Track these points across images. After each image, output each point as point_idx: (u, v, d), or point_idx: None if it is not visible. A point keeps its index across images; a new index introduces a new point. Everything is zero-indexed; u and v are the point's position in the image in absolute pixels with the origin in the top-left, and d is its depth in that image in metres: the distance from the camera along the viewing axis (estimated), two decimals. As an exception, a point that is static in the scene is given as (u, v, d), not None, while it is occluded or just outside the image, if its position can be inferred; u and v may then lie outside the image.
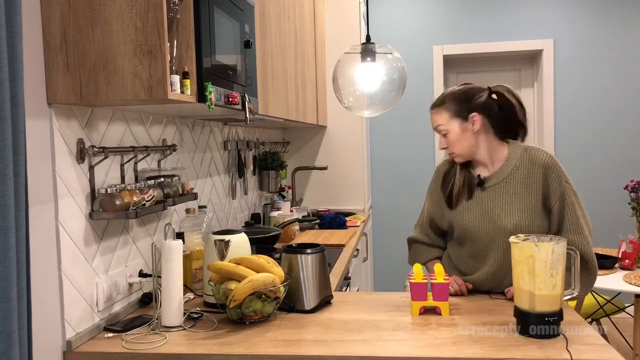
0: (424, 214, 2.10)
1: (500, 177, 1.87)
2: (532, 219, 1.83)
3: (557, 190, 1.82)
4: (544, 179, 1.83)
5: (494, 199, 1.87)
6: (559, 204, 1.82)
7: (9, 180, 1.10)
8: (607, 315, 3.34)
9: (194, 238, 2.12)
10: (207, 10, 1.65)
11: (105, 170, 1.71)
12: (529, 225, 1.82)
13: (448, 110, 1.88)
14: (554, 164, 1.83)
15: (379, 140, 4.70)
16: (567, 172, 1.85)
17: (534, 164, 1.84)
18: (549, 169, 1.83)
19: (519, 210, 1.83)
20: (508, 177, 1.86)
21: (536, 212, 1.84)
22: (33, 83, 1.41)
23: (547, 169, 1.83)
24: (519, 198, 1.84)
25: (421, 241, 2.09)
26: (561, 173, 1.83)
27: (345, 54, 2.50)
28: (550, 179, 1.82)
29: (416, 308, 1.72)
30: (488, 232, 1.87)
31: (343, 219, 3.48)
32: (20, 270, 1.16)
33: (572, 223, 1.82)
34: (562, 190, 1.82)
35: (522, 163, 1.86)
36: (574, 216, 1.82)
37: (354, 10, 4.05)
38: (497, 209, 1.86)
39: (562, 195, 1.82)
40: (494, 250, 1.88)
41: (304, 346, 1.49)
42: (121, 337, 1.60)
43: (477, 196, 1.90)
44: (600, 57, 4.45)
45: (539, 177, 1.83)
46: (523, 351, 1.42)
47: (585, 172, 4.44)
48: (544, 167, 1.83)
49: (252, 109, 1.96)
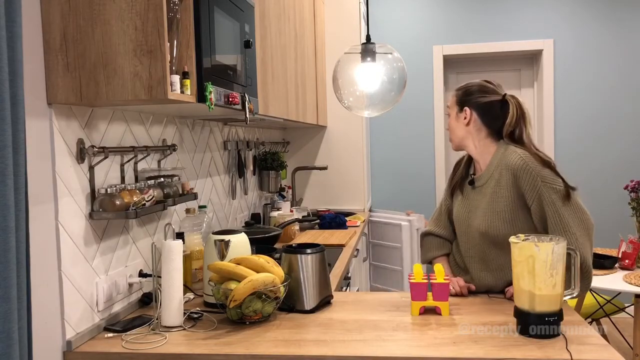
0: (441, 205, 2.13)
1: (484, 179, 1.91)
2: (508, 221, 1.83)
3: (531, 191, 1.79)
4: (513, 181, 1.82)
5: (479, 199, 1.92)
6: (537, 204, 1.80)
7: (9, 180, 1.10)
8: (607, 315, 3.34)
9: (194, 238, 2.12)
10: (207, 10, 1.65)
11: (105, 170, 1.71)
12: (504, 227, 1.83)
13: (456, 96, 1.99)
14: (524, 165, 1.79)
15: (379, 140, 4.69)
16: (546, 171, 1.78)
17: (505, 167, 1.84)
18: (519, 171, 1.80)
19: (492, 212, 1.86)
20: (489, 179, 1.89)
21: (514, 214, 1.83)
22: (33, 83, 1.41)
23: (516, 170, 1.80)
24: (493, 200, 1.86)
25: (434, 234, 2.11)
26: (535, 173, 1.78)
27: (345, 54, 2.50)
28: (521, 180, 1.80)
29: (416, 308, 1.72)
30: (467, 228, 1.94)
31: (343, 219, 3.48)
32: (20, 270, 1.16)
33: (555, 222, 1.77)
34: (537, 190, 1.78)
35: (499, 166, 1.87)
36: (556, 215, 1.77)
37: (354, 10, 4.05)
38: (477, 210, 1.91)
39: (538, 195, 1.78)
40: (472, 249, 1.94)
41: (304, 346, 1.49)
42: (121, 337, 1.60)
43: (468, 194, 1.97)
44: (600, 57, 4.44)
45: (508, 179, 1.83)
46: (523, 351, 1.42)
47: (585, 172, 4.44)
48: (513, 169, 1.81)
49: (252, 109, 1.96)
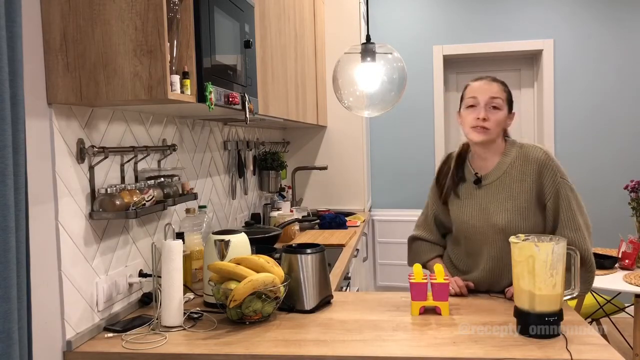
0: (427, 211, 2.10)
1: (496, 175, 1.89)
2: (526, 217, 1.84)
3: (551, 187, 1.82)
4: (537, 175, 1.84)
5: (489, 196, 1.89)
6: (553, 199, 1.82)
7: (9, 180, 1.10)
8: (607, 315, 3.34)
9: (194, 238, 2.12)
10: (207, 10, 1.65)
11: (105, 170, 1.71)
12: (522, 223, 1.84)
13: (507, 92, 1.89)
14: (548, 160, 1.83)
15: (379, 140, 4.69)
16: (563, 169, 1.85)
17: (528, 161, 1.85)
18: (542, 166, 1.83)
19: (512, 207, 1.84)
20: (503, 175, 1.88)
21: (530, 209, 1.84)
22: (33, 83, 1.41)
23: (541, 165, 1.83)
24: (513, 196, 1.85)
25: (423, 239, 2.09)
26: (556, 169, 1.83)
27: (345, 54, 2.50)
28: (543, 176, 1.83)
29: (416, 308, 1.72)
30: (482, 228, 1.89)
31: (343, 219, 3.48)
32: (20, 270, 1.16)
33: (568, 219, 1.80)
34: (556, 186, 1.82)
35: (517, 160, 1.87)
36: (570, 212, 1.81)
37: (354, 10, 4.05)
38: (491, 205, 1.88)
39: (556, 191, 1.82)
40: (488, 246, 1.89)
41: (304, 346, 1.49)
42: (121, 337, 1.60)
43: (473, 193, 1.92)
44: (600, 57, 4.44)
45: (532, 173, 1.84)
46: (523, 351, 1.42)
47: (586, 172, 4.44)
48: (538, 163, 1.84)
49: (252, 109, 1.96)
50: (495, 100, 1.84)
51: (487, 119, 1.83)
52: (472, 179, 1.93)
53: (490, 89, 1.86)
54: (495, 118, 1.84)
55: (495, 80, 1.90)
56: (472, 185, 1.93)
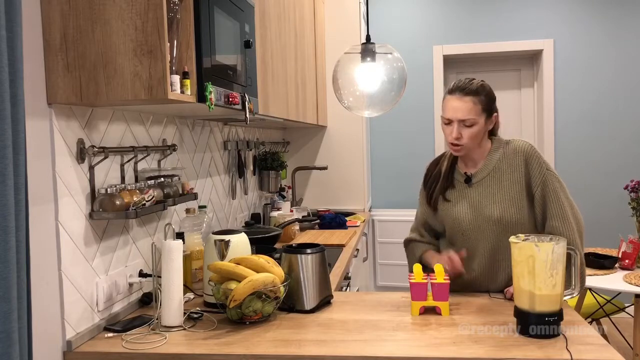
0: (418, 217, 2.13)
1: (485, 172, 1.92)
2: (519, 207, 1.87)
3: (538, 177, 1.86)
4: (525, 166, 1.88)
5: (481, 192, 1.92)
6: (541, 190, 1.86)
7: (9, 180, 1.10)
8: (607, 315, 3.34)
9: (194, 238, 2.13)
10: (207, 10, 1.65)
11: (105, 170, 1.71)
12: (516, 213, 1.86)
13: (481, 102, 1.84)
14: (532, 151, 1.89)
15: (379, 140, 4.69)
16: (548, 161, 1.91)
17: (515, 153, 1.90)
18: (528, 155, 1.88)
19: (505, 198, 1.88)
20: (493, 170, 1.91)
21: (522, 200, 1.88)
22: (33, 83, 1.41)
23: (527, 155, 1.88)
24: (505, 187, 1.89)
25: (417, 240, 2.11)
26: (541, 160, 1.89)
27: (345, 54, 2.50)
28: (530, 166, 1.87)
29: (416, 308, 1.72)
30: (476, 223, 1.91)
31: (343, 219, 3.49)
32: (20, 270, 1.16)
33: (556, 209, 1.84)
34: (542, 176, 1.86)
35: (506, 155, 1.91)
36: (558, 203, 1.85)
37: (354, 10, 4.05)
38: (484, 200, 1.90)
39: (543, 181, 1.86)
40: (483, 241, 1.91)
41: (304, 346, 1.49)
42: (121, 337, 1.60)
43: (464, 193, 1.94)
44: (600, 57, 4.44)
45: (520, 164, 1.88)
46: (523, 351, 1.42)
47: (586, 172, 4.43)
48: (525, 154, 1.88)
49: (252, 109, 1.96)
50: (469, 118, 1.83)
51: (461, 136, 1.85)
52: (462, 179, 1.96)
53: (460, 108, 1.83)
54: (468, 134, 1.85)
55: (468, 93, 1.84)
56: (462, 185, 1.95)
